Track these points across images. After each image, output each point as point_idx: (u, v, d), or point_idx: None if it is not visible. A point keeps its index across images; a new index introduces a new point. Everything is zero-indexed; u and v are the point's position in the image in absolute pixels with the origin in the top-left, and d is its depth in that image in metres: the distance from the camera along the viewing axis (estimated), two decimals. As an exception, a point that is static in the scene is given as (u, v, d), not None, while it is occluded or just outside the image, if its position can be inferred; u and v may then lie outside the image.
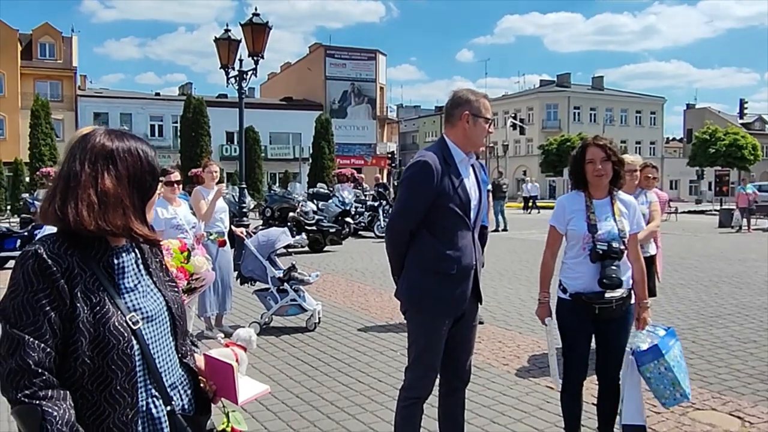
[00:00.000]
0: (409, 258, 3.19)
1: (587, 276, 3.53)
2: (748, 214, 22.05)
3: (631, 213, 3.66)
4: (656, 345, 3.47)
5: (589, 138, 3.74)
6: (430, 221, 3.12)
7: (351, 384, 5.22)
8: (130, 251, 1.66)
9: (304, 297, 7.11)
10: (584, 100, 66.45)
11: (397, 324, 7.30)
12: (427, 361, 3.21)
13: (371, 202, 19.60)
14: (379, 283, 10.28)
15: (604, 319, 3.56)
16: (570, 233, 3.64)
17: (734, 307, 8.33)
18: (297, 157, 45.68)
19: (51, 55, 44.77)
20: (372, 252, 14.63)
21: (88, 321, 1.49)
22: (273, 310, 7.02)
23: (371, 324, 7.37)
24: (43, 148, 32.09)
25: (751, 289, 9.72)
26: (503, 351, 6.16)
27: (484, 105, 3.22)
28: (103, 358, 1.49)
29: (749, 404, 4.71)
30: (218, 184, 6.91)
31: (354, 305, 8.46)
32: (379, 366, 5.70)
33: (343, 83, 54.34)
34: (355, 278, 10.78)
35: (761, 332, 6.93)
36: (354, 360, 5.91)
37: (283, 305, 7.01)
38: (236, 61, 11.88)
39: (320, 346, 6.39)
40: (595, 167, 3.56)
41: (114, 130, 1.64)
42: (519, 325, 7.24)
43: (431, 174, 3.06)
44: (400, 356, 5.95)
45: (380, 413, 4.53)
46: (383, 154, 55.98)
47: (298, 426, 4.32)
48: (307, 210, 15.24)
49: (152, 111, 46.73)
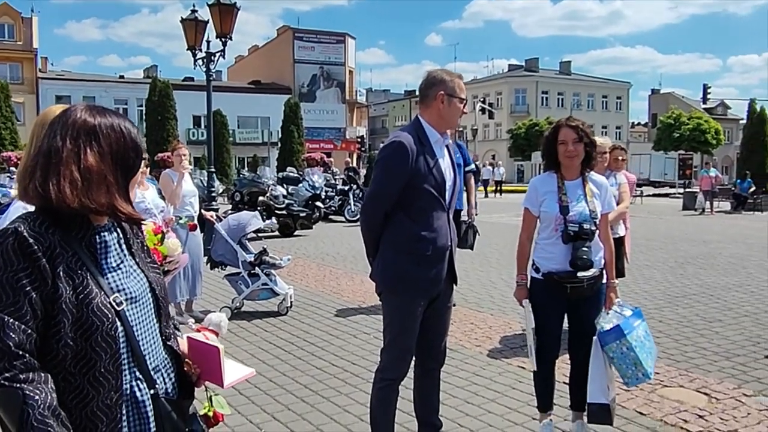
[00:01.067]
0: (385, 239, 3.17)
1: (559, 256, 3.57)
2: (711, 197, 22.58)
3: (603, 194, 3.70)
4: (618, 326, 3.51)
5: (562, 119, 3.76)
6: (406, 202, 3.11)
7: (325, 367, 5.20)
8: (113, 230, 1.61)
9: (275, 281, 7.06)
10: (552, 85, 66.99)
11: (369, 307, 7.30)
12: (402, 343, 3.21)
13: (341, 186, 19.55)
14: (351, 266, 10.26)
15: (576, 298, 3.60)
16: (542, 215, 3.66)
17: (699, 287, 8.52)
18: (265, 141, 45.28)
19: (10, 36, 43.50)
20: (343, 236, 14.60)
21: (71, 302, 1.44)
22: (244, 295, 6.96)
23: (344, 307, 7.36)
24: (3, 132, 31.19)
25: (715, 269, 9.95)
26: (475, 332, 6.21)
27: (459, 85, 3.21)
28: (87, 340, 1.45)
29: (715, 381, 4.83)
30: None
31: (326, 289, 8.44)
32: (353, 349, 5.70)
33: (312, 67, 53.89)
34: (326, 262, 10.75)
35: (725, 311, 7.10)
36: (327, 343, 5.89)
37: (254, 289, 6.95)
38: (203, 42, 11.66)
39: (293, 330, 6.36)
40: (567, 148, 3.58)
41: (95, 106, 1.59)
42: (490, 307, 7.30)
43: (406, 155, 3.05)
44: (374, 339, 5.96)
45: (355, 396, 4.53)
46: (353, 138, 55.87)
47: (272, 410, 4.29)
48: (277, 194, 15.12)
49: (116, 94, 45.69)
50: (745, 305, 7.41)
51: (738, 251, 12.05)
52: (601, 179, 3.80)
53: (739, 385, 4.74)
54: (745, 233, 15.58)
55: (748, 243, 13.42)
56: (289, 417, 4.19)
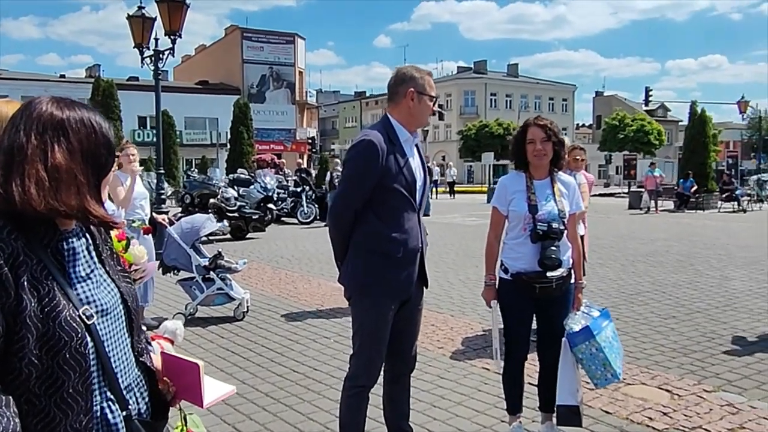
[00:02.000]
0: (354, 241, 3.08)
1: (528, 256, 3.53)
2: (656, 196, 23.20)
3: (571, 193, 3.68)
4: (587, 327, 3.51)
5: (530, 118, 3.73)
6: (376, 202, 3.02)
7: (286, 374, 5.05)
8: (81, 236, 1.45)
9: (231, 285, 6.87)
10: (501, 87, 68.05)
11: (328, 310, 7.18)
12: (373, 348, 3.12)
13: (294, 188, 19.35)
14: (307, 269, 10.11)
15: (544, 298, 3.58)
16: (511, 214, 3.63)
17: (651, 284, 8.69)
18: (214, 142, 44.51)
19: (-59, 33, 41.51)
20: (297, 238, 14.42)
21: (36, 315, 1.28)
22: (199, 300, 6.75)
23: (302, 311, 7.21)
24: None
25: (665, 267, 10.17)
26: (437, 334, 6.15)
27: (429, 82, 3.15)
28: (53, 358, 1.29)
29: (676, 377, 4.88)
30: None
31: (283, 293, 8.27)
32: (314, 354, 5.56)
33: (261, 67, 53.27)
34: (281, 265, 10.56)
35: (678, 308, 7.24)
36: (287, 349, 5.74)
37: (209, 294, 6.75)
38: (151, 40, 11.29)
39: (250, 336, 6.18)
40: (535, 147, 3.56)
41: (62, 98, 1.44)
42: (450, 308, 7.27)
43: (376, 153, 2.96)
44: (334, 343, 5.86)
45: (319, 403, 4.40)
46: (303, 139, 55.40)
47: (232, 420, 4.13)
48: (229, 196, 14.83)
49: (57, 94, 42.37)
50: (696, 302, 7.57)
51: (684, 249, 12.37)
52: (568, 179, 3.78)
53: (699, 381, 4.81)
54: (689, 231, 16.04)
55: (693, 240, 13.81)
56: (251, 427, 4.04)
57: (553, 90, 72.16)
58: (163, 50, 11.18)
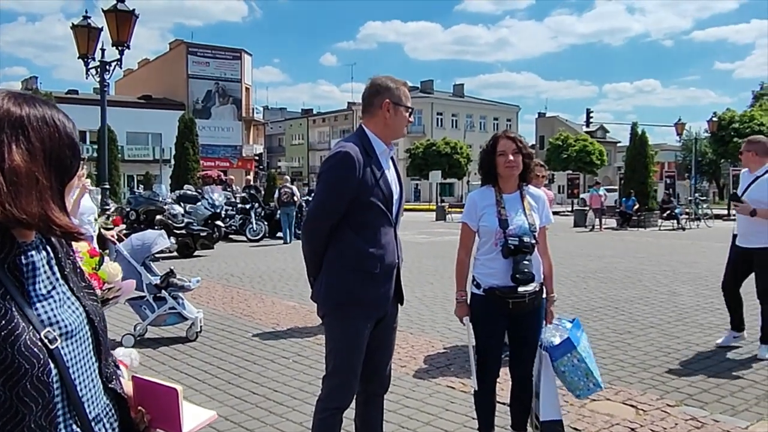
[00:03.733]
0: (329, 257, 2.98)
1: (500, 271, 3.50)
2: (600, 214, 23.82)
3: (541, 206, 3.68)
4: (568, 338, 3.51)
5: (500, 132, 3.74)
6: (352, 217, 2.94)
7: (245, 396, 4.86)
8: (41, 249, 1.28)
9: (183, 304, 6.65)
10: (447, 107, 69.06)
11: (285, 330, 7.01)
12: (348, 368, 3.01)
13: (242, 205, 19.18)
14: (259, 287, 9.91)
15: (517, 314, 3.54)
16: (482, 229, 3.60)
17: (603, 300, 8.83)
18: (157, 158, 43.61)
19: None
20: (246, 255, 14.22)
21: None
22: (149, 320, 6.50)
23: (258, 331, 7.01)
24: None
25: (615, 283, 10.37)
26: (398, 353, 6.01)
27: (404, 93, 3.10)
28: (12, 389, 1.12)
29: (638, 392, 4.92)
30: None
31: (236, 312, 8.04)
32: (273, 375, 5.39)
33: (206, 82, 52.74)
34: (232, 283, 10.31)
35: (632, 323, 7.35)
36: (244, 370, 5.54)
37: (160, 314, 6.52)
38: (97, 50, 10.94)
39: (205, 358, 5.96)
40: (506, 159, 3.54)
41: (21, 94, 1.26)
42: (409, 326, 7.18)
43: (353, 165, 2.89)
44: (294, 363, 5.71)
45: (282, 426, 4.23)
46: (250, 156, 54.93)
47: (192, 446, 3.91)
48: (176, 212, 14.52)
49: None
50: (649, 317, 7.71)
51: (631, 265, 12.67)
52: (538, 192, 3.78)
53: (661, 395, 4.86)
54: (634, 248, 16.48)
55: (638, 257, 14.17)
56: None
57: (497, 110, 73.60)
58: (110, 61, 10.85)
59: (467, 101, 71.77)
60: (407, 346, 6.29)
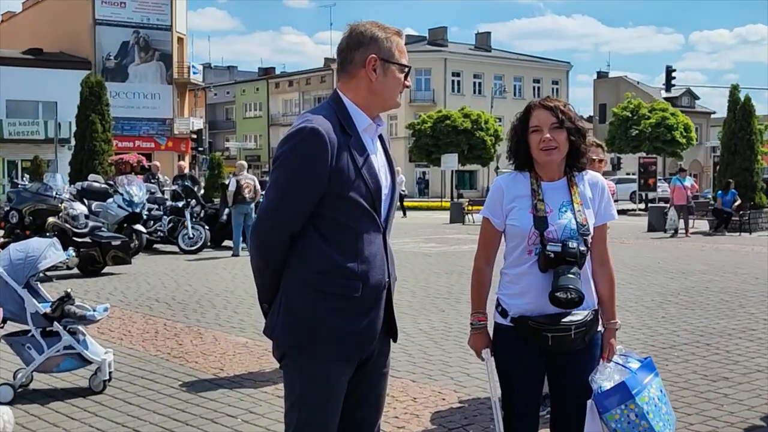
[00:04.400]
0: (290, 274, 3.04)
1: (535, 291, 3.51)
2: (686, 213, 23.88)
3: (598, 198, 3.68)
4: (623, 383, 3.51)
5: (534, 99, 3.75)
6: (323, 219, 3.01)
7: (172, 470, 4.87)
8: None
9: (85, 342, 6.66)
10: (466, 64, 69.52)
11: (232, 377, 7.08)
12: (317, 427, 3.05)
13: (173, 203, 19.23)
14: (196, 318, 9.98)
15: (560, 353, 3.56)
16: (510, 230, 3.62)
17: (689, 334, 8.87)
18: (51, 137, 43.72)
19: None
20: (179, 273, 14.29)
21: None
22: (36, 365, 6.49)
23: (192, 378, 7.06)
24: None
25: (706, 310, 10.43)
26: (395, 408, 6.10)
27: (398, 45, 3.14)
28: None
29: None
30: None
31: (162, 352, 8.10)
32: (214, 441, 5.42)
33: (121, 30, 53.30)
34: (157, 312, 10.38)
35: (731, 366, 7.39)
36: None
37: (52, 356, 6.51)
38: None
39: (117, 417, 5.98)
40: (542, 136, 3.54)
41: None
42: (411, 370, 7.22)
43: (323, 147, 2.94)
44: (243, 424, 5.76)
45: None
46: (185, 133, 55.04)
47: None
48: (76, 213, 14.49)
49: None
50: (755, 356, 7.76)
51: (730, 285, 12.74)
52: (596, 177, 3.78)
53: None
54: (734, 261, 16.59)
55: (741, 274, 14.25)
56: None
57: (539, 69, 74.11)
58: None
59: (495, 57, 72.23)
60: (407, 399, 6.33)
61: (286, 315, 3.04)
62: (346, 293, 3.00)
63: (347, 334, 3.02)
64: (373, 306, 3.09)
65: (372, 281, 3.06)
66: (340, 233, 3.02)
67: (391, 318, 3.22)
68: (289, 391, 3.12)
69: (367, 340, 3.09)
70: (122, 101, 48.65)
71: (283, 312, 3.05)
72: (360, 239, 3.04)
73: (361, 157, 3.04)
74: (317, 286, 3.00)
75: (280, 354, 3.12)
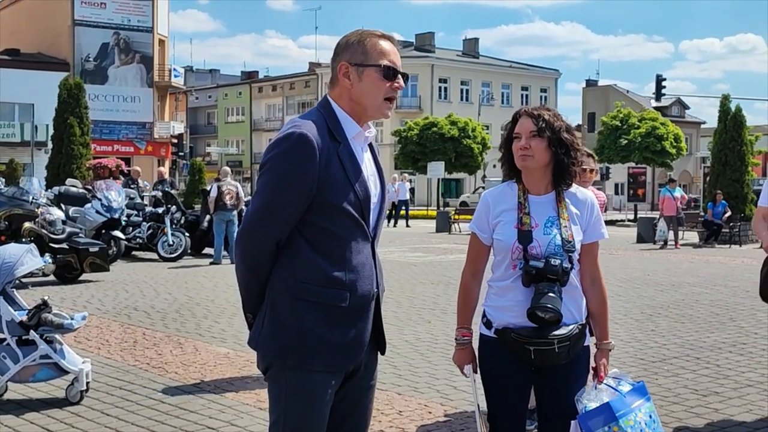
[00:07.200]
0: (276, 284, 3.04)
1: (518, 305, 3.54)
2: (676, 225, 24.01)
3: (587, 215, 3.68)
4: (608, 404, 3.50)
5: (522, 108, 3.81)
6: (310, 226, 3.02)
7: (151, 484, 4.85)
8: None
9: (62, 352, 6.63)
10: (453, 71, 69.74)
11: (212, 388, 7.05)
12: (302, 443, 3.06)
13: (153, 209, 19.22)
14: (176, 327, 9.96)
15: (544, 366, 3.57)
16: (496, 244, 3.65)
17: (679, 348, 8.91)
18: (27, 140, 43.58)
19: None
20: (159, 281, 14.28)
21: None
22: (10, 375, 6.47)
23: (172, 389, 7.03)
24: None
25: (696, 323, 10.48)
26: (381, 422, 6.10)
27: (374, 45, 3.14)
28: None
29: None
30: None
31: (141, 362, 8.07)
32: (194, 454, 5.40)
33: (101, 32, 53.26)
34: (135, 321, 10.34)
35: (721, 381, 7.42)
36: (151, 447, 5.55)
37: (27, 365, 6.48)
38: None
39: (94, 429, 5.95)
40: (518, 144, 3.57)
41: None
42: (396, 383, 7.22)
43: (311, 154, 2.96)
44: (225, 437, 5.69)
45: None
46: (165, 138, 54.91)
47: None
48: (54, 218, 14.46)
49: None
50: (745, 371, 7.79)
51: (720, 298, 12.82)
52: (585, 194, 3.78)
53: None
54: (725, 273, 16.71)
55: (731, 287, 14.33)
56: None
57: (527, 76, 74.42)
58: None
59: (483, 63, 72.48)
60: (393, 413, 6.33)
61: (272, 325, 3.05)
62: (334, 303, 3.01)
63: (334, 345, 3.03)
64: (361, 316, 3.10)
65: (360, 291, 3.07)
66: (327, 241, 3.03)
67: (380, 330, 3.23)
68: (274, 403, 3.13)
69: (355, 352, 3.10)
70: (101, 104, 48.57)
71: (269, 322, 3.05)
72: (348, 248, 3.05)
73: (351, 165, 3.06)
74: (304, 295, 3.00)
75: (265, 365, 3.12)
